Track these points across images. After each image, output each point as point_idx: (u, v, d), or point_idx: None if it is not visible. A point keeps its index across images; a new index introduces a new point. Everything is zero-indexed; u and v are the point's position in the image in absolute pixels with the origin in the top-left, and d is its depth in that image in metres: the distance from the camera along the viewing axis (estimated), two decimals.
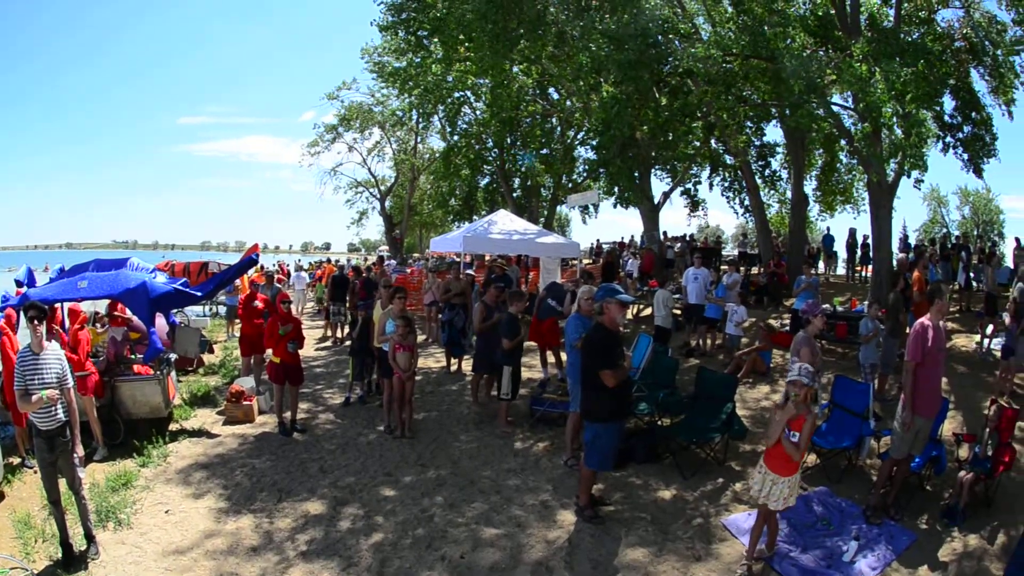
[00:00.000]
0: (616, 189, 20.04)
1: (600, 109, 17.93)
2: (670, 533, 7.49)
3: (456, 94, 30.77)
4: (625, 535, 7.39)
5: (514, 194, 35.20)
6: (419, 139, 45.86)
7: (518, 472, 9.19)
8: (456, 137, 33.72)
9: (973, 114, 18.85)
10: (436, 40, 20.91)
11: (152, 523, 7.69)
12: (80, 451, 6.79)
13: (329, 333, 20.22)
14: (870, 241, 21.36)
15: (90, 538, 6.95)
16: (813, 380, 6.67)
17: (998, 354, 13.16)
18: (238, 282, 20.23)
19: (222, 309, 24.46)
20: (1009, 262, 22.91)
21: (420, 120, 37.14)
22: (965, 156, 19.12)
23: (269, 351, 11.65)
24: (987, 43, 18.32)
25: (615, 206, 21.87)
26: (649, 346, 12.38)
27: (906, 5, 18.42)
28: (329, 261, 43.71)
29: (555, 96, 30.70)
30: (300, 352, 11.52)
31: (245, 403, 11.81)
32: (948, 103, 19.03)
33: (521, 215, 29.07)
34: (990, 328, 14.99)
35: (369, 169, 49.16)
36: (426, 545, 7.14)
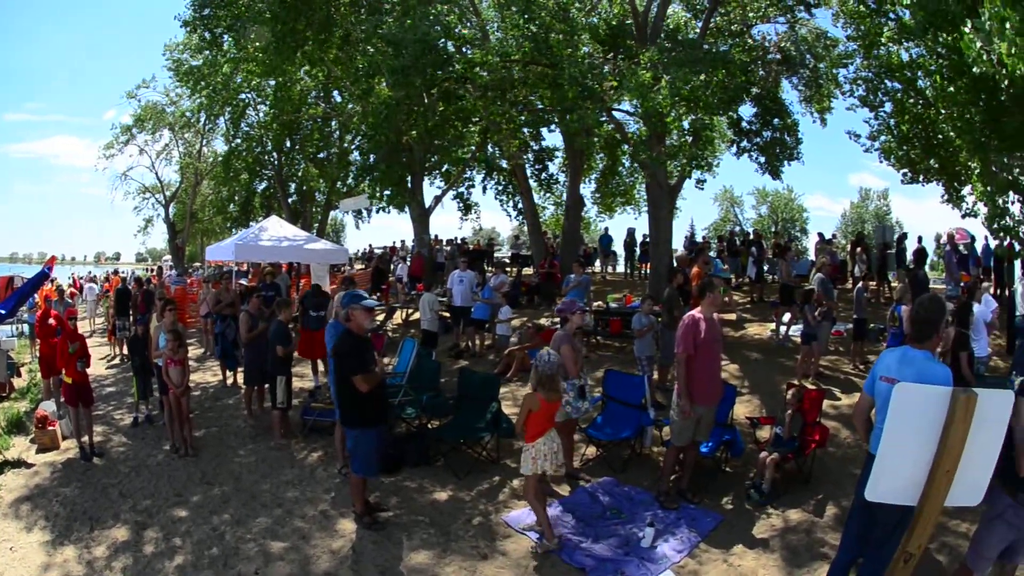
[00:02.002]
0: (386, 193, 19.99)
1: (370, 113, 17.85)
2: (452, 534, 7.50)
3: (242, 95, 29.98)
4: (407, 539, 7.37)
5: (289, 199, 34.53)
6: (204, 142, 43.70)
7: (296, 484, 9.04)
8: (238, 140, 32.68)
9: (776, 120, 19.99)
10: (230, 38, 20.13)
11: (3, 561, 7.36)
12: None
13: (117, 351, 18.91)
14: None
15: None
16: (540, 364, 7.09)
17: (797, 340, 13.94)
18: (38, 298, 18.94)
19: (26, 328, 22.46)
20: (811, 255, 24.67)
21: (207, 122, 35.83)
22: (762, 159, 20.25)
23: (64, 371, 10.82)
24: (808, 56, 19.39)
25: (378, 211, 21.81)
26: (413, 350, 12.44)
27: (718, 19, 19.27)
28: (116, 273, 40.59)
29: (339, 99, 30.22)
30: (89, 371, 10.77)
31: (50, 428, 10.97)
32: (749, 110, 20.23)
33: (296, 221, 28.73)
34: (786, 316, 15.78)
35: (156, 173, 46.19)
36: (222, 564, 6.97)
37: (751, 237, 25.76)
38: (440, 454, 9.65)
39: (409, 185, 22.41)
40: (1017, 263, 17.51)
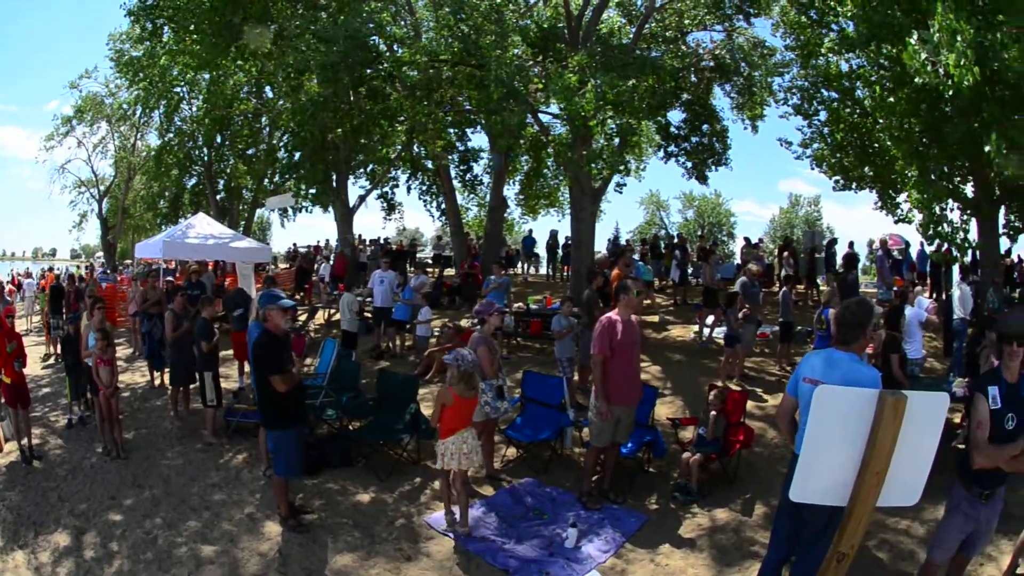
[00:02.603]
0: (311, 192, 20.10)
1: (297, 110, 17.75)
2: (376, 536, 7.54)
3: (176, 89, 29.16)
4: (332, 541, 7.39)
5: (218, 196, 34.04)
6: (139, 135, 42.59)
7: (222, 486, 8.96)
8: (171, 135, 31.96)
9: (704, 126, 20.44)
10: (170, 29, 19.77)
11: None
12: None
13: (52, 349, 18.31)
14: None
15: None
16: (459, 361, 7.31)
17: (721, 342, 14.22)
18: None
19: None
20: (738, 259, 24.95)
21: (143, 115, 35.03)
22: (689, 164, 20.74)
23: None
24: (744, 64, 19.76)
25: (300, 210, 21.67)
26: (334, 351, 12.47)
27: (653, 25, 19.49)
28: (51, 270, 39.13)
29: (271, 95, 29.84)
30: (25, 371, 10.52)
31: None
32: (678, 116, 20.62)
33: (223, 218, 28.53)
34: (710, 319, 16.06)
35: (92, 167, 45.02)
36: (157, 567, 6.94)
37: (675, 241, 26.06)
38: (361, 455, 9.69)
39: (334, 184, 22.39)
40: (956, 268, 17.99)
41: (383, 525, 7.78)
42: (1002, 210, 14.89)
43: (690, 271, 22.71)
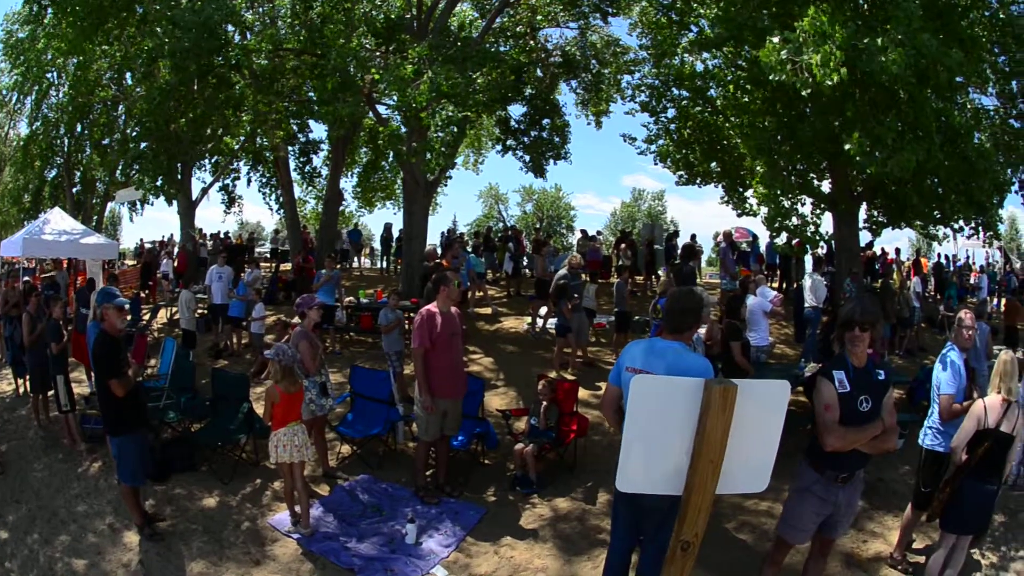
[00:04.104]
0: (156, 184, 19.71)
1: (145, 98, 17.47)
2: (224, 541, 7.57)
3: (49, 74, 27.67)
4: (187, 549, 7.40)
5: (74, 189, 32.35)
6: (12, 124, 40.19)
7: (84, 497, 8.78)
8: (38, 123, 30.17)
9: (545, 121, 20.84)
10: (53, 9, 18.96)
11: None
12: None
13: None
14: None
15: None
16: (280, 356, 7.60)
17: (555, 333, 14.39)
18: None
19: None
20: (575, 251, 25.53)
21: (17, 102, 32.47)
22: (527, 158, 21.08)
23: None
24: (594, 61, 20.24)
25: (146, 203, 21.25)
26: (174, 350, 12.24)
27: (505, 20, 19.78)
28: None
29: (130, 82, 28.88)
30: None
31: None
32: (520, 110, 21.07)
33: (78, 213, 27.52)
34: (543, 310, 16.46)
35: None
36: None
37: (509, 233, 26.68)
38: (204, 458, 9.58)
39: (179, 176, 22.12)
40: (809, 258, 18.96)
41: (230, 529, 7.82)
42: (864, 205, 15.84)
43: (524, 263, 23.39)
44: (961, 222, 14.99)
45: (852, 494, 5.31)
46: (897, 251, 24.82)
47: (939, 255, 29.36)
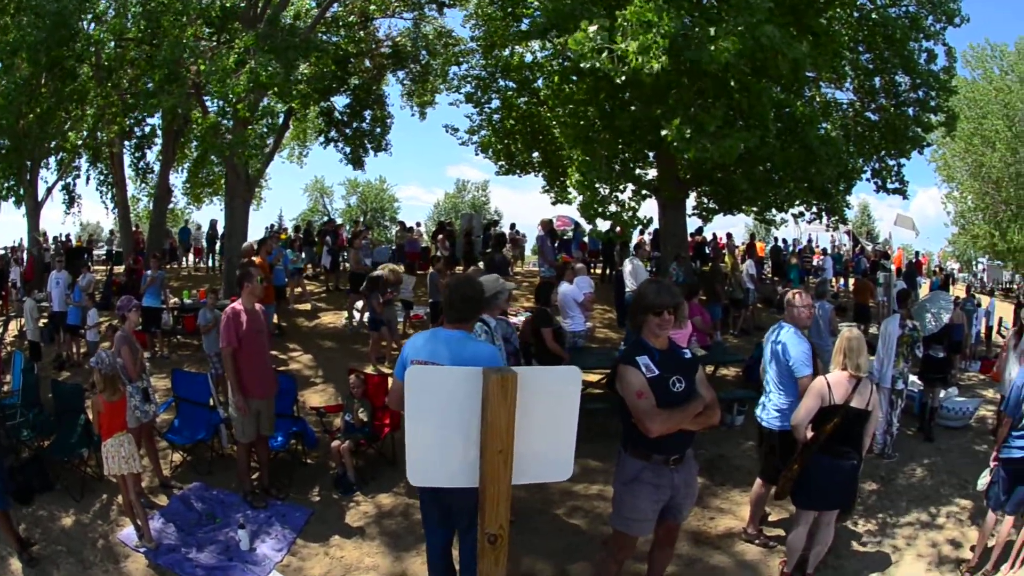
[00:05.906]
0: (9, 185, 19.07)
1: (1, 94, 16.44)
2: (86, 560, 7.37)
3: None
4: (56, 572, 7.20)
5: None
6: None
7: None
8: None
9: (367, 112, 20.97)
10: None
11: None
12: None
13: None
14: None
15: None
16: (99, 364, 7.56)
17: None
18: None
19: None
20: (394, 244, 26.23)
21: None
22: (347, 150, 21.41)
23: None
24: (424, 52, 20.43)
25: None
26: (22, 364, 11.64)
27: (339, 10, 19.63)
28: None
29: None
30: None
31: None
32: (344, 101, 21.19)
33: None
34: (359, 304, 16.21)
35: None
36: None
37: (326, 227, 26.70)
38: (56, 475, 9.03)
39: (29, 176, 21.13)
40: (632, 244, 19.71)
41: (89, 548, 7.58)
42: (695, 192, 16.47)
43: (343, 257, 23.31)
44: (802, 207, 16.01)
45: (688, 474, 5.21)
46: (729, 235, 25.65)
47: (775, 239, 31.55)
